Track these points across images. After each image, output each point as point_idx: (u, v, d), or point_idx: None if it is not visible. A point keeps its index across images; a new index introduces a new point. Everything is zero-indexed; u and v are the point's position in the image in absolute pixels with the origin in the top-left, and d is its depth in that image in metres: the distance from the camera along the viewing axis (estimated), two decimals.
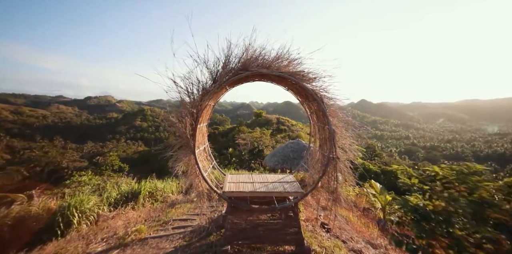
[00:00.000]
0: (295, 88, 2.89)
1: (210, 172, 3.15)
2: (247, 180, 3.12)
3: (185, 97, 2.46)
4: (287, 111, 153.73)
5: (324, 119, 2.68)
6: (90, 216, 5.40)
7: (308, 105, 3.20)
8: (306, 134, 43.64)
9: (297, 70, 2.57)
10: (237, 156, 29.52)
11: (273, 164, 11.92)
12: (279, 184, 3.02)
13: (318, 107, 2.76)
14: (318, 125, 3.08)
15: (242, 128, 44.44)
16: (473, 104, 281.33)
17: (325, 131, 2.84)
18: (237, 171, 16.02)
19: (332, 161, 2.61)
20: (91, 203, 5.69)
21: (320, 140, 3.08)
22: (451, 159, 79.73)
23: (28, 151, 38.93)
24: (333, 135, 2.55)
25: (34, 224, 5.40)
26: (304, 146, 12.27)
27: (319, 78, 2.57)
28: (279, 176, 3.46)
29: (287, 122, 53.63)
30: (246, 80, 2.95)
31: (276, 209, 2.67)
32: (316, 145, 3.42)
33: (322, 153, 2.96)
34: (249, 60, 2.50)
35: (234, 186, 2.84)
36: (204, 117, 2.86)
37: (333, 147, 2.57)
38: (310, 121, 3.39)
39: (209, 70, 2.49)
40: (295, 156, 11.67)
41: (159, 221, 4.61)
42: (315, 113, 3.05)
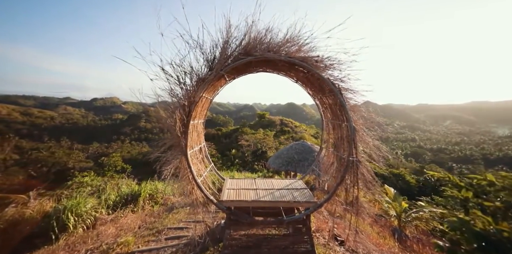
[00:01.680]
0: (306, 78, 2.46)
1: (207, 176, 2.72)
2: (249, 186, 2.68)
3: (176, 87, 2.05)
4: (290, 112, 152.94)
5: (342, 115, 2.24)
6: (87, 219, 5.14)
7: (320, 100, 2.75)
8: (310, 136, 42.97)
9: (310, 56, 2.14)
10: (240, 158, 29.11)
11: (277, 166, 11.45)
12: (287, 191, 2.57)
13: (334, 101, 2.31)
14: (333, 122, 2.63)
15: (245, 129, 44.17)
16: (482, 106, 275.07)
17: (342, 129, 2.38)
18: (240, 172, 15.56)
19: (352, 165, 2.15)
20: (88, 205, 5.50)
21: (336, 139, 2.62)
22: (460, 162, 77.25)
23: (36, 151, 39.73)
24: (354, 134, 2.09)
25: (28, 228, 5.13)
26: (310, 147, 11.77)
27: (337, 66, 2.13)
28: (286, 181, 3.01)
29: (290, 124, 53.28)
30: (249, 70, 2.53)
31: (284, 222, 2.22)
32: (329, 145, 2.96)
33: (338, 155, 2.50)
34: (252, 43, 2.09)
35: (234, 194, 2.41)
36: (200, 112, 2.46)
37: (354, 148, 2.12)
38: (322, 118, 2.95)
39: (205, 55, 2.08)
40: (300, 158, 11.19)
41: (152, 229, 4.20)
42: (330, 109, 2.60)
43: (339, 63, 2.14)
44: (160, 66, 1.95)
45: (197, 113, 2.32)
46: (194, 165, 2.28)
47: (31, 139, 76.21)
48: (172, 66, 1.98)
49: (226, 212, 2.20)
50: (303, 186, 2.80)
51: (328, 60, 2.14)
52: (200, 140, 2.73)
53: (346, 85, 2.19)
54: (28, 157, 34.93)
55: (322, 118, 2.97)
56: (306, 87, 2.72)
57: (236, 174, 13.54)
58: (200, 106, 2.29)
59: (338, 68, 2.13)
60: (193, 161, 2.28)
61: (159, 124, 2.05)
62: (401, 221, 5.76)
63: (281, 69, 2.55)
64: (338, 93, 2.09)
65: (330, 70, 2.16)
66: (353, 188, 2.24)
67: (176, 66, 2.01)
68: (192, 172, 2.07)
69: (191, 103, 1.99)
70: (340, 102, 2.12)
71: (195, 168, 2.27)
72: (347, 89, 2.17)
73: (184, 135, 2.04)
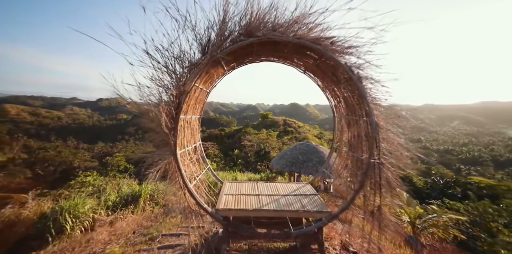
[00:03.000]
0: (317, 67, 2.10)
1: (203, 179, 2.38)
2: (250, 191, 2.33)
3: (163, 75, 1.72)
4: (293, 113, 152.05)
5: (361, 109, 1.87)
6: (85, 221, 4.93)
7: (332, 92, 2.38)
8: (313, 136, 42.36)
9: (324, 36, 1.78)
10: (243, 158, 28.85)
11: (281, 167, 11.12)
12: (295, 198, 2.21)
13: (351, 92, 1.95)
14: (347, 118, 2.26)
15: (248, 130, 43.94)
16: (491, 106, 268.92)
17: (359, 125, 2.02)
18: (243, 173, 15.27)
19: (374, 168, 1.78)
20: (87, 206, 5.35)
21: (351, 138, 2.25)
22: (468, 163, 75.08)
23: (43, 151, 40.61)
24: (376, 131, 1.73)
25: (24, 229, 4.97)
26: (315, 147, 11.37)
27: (355, 50, 1.76)
28: (293, 185, 2.65)
29: (293, 124, 52.88)
30: (250, 58, 2.19)
31: (292, 235, 1.87)
32: (341, 145, 2.59)
33: (354, 157, 2.13)
34: (255, 22, 1.74)
35: (232, 200, 2.07)
36: (193, 106, 2.13)
37: (376, 148, 1.75)
38: (334, 114, 2.58)
39: (198, 37, 1.75)
40: (304, 158, 10.83)
41: (147, 235, 3.89)
42: (344, 102, 2.23)
43: (358, 47, 1.77)
44: (145, 49, 1.63)
45: (189, 107, 1.99)
46: (186, 166, 1.95)
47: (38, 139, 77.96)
48: (158, 49, 1.66)
49: (222, 223, 1.86)
50: (313, 191, 2.43)
51: (346, 42, 1.78)
52: (195, 138, 2.40)
53: (366, 74, 1.82)
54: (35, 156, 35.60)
55: (333, 114, 2.60)
56: (316, 77, 2.36)
57: (238, 175, 13.27)
58: (193, 99, 1.97)
59: (357, 53, 1.77)
60: (185, 162, 1.95)
61: (144, 120, 1.73)
62: (416, 228, 5.32)
63: (287, 57, 2.20)
64: (358, 82, 1.72)
65: (347, 55, 1.80)
66: (374, 195, 1.87)
67: (163, 50, 1.69)
68: (182, 175, 1.74)
69: (181, 94, 1.66)
70: (359, 93, 1.76)
71: (187, 170, 1.94)
72: (367, 78, 1.80)
73: (173, 132, 1.71)
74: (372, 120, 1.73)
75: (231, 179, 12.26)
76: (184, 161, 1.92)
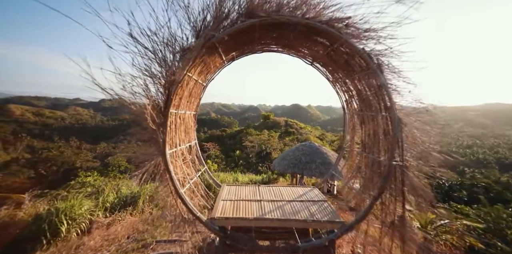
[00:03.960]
0: (327, 56, 1.85)
1: (198, 183, 2.13)
2: (251, 196, 2.08)
3: (151, 63, 1.49)
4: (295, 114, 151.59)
5: (379, 103, 1.61)
6: (82, 223, 4.74)
7: (344, 86, 2.12)
8: (315, 137, 41.98)
9: (337, 17, 1.53)
10: (244, 159, 28.63)
11: (283, 168, 10.87)
12: (301, 204, 1.95)
13: (368, 85, 1.69)
14: (361, 114, 2.00)
15: (249, 130, 43.78)
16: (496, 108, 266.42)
17: (377, 122, 1.76)
18: (244, 174, 15.03)
19: (395, 172, 1.52)
20: (84, 208, 5.20)
21: (365, 137, 1.99)
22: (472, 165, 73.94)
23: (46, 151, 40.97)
24: (400, 128, 1.47)
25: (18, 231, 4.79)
26: (318, 148, 11.09)
27: (375, 33, 1.51)
28: (298, 190, 2.38)
29: (295, 125, 52.65)
30: (251, 46, 1.95)
31: (299, 250, 1.60)
32: (353, 145, 2.33)
33: (370, 158, 1.87)
34: (257, 1, 1.50)
35: (231, 207, 1.81)
36: (187, 100, 1.89)
37: (399, 148, 1.49)
38: (344, 110, 2.32)
39: (192, 20, 1.51)
40: (307, 159, 10.56)
41: (140, 241, 3.65)
42: (358, 96, 1.97)
43: (378, 30, 1.52)
44: (129, 32, 1.40)
45: (183, 101, 1.75)
46: (178, 168, 1.70)
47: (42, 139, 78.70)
48: (145, 32, 1.43)
49: (219, 234, 1.60)
50: (321, 196, 2.17)
51: (364, 24, 1.53)
52: (190, 137, 2.15)
53: (386, 62, 1.57)
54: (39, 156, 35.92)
55: (344, 110, 2.34)
56: (326, 69, 2.10)
57: (239, 176, 13.02)
58: (186, 91, 1.73)
59: (377, 37, 1.51)
60: (177, 163, 1.70)
61: (128, 114, 1.49)
62: (427, 234, 4.99)
63: (293, 46, 1.95)
64: (377, 71, 1.47)
65: (365, 39, 1.55)
66: (394, 203, 1.60)
67: (151, 33, 1.45)
68: (172, 178, 1.49)
69: (171, 84, 1.42)
70: (378, 83, 1.50)
71: (179, 172, 1.69)
72: (388, 67, 1.54)
73: (162, 128, 1.47)
74: (394, 115, 1.47)
75: (232, 180, 12.00)
76: (176, 162, 1.68)
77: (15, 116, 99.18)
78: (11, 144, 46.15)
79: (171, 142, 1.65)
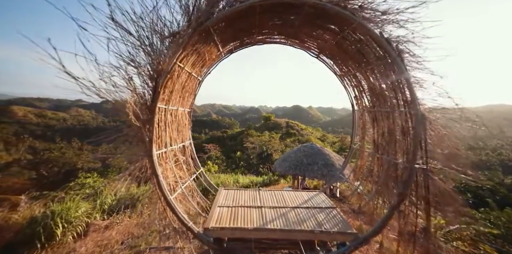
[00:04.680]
0: (336, 45, 1.64)
1: (192, 187, 1.93)
2: (251, 202, 1.86)
3: (137, 51, 1.30)
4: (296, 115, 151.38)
5: (398, 97, 1.41)
6: (78, 226, 4.56)
7: (354, 80, 1.92)
8: (316, 139, 41.69)
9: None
10: (245, 160, 28.44)
11: (284, 170, 10.64)
12: (307, 211, 1.74)
13: (384, 77, 1.49)
14: (373, 111, 1.79)
15: (250, 132, 43.67)
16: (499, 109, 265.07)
17: (393, 119, 1.55)
18: (245, 175, 14.83)
19: (417, 176, 1.31)
20: (81, 210, 5.04)
21: (379, 137, 1.78)
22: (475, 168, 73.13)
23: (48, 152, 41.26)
24: (423, 126, 1.26)
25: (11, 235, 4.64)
26: (320, 150, 10.87)
27: (394, 16, 1.30)
28: (303, 194, 2.17)
29: (296, 127, 52.51)
30: (250, 35, 1.75)
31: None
32: (363, 145, 2.12)
33: (385, 160, 1.66)
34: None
35: (227, 215, 1.61)
36: (179, 94, 1.68)
37: (422, 149, 1.28)
38: (353, 108, 2.12)
39: (183, 2, 1.32)
40: (309, 161, 10.34)
41: (134, 247, 3.46)
42: (370, 91, 1.76)
43: (398, 13, 1.31)
44: (110, 14, 1.21)
45: (174, 95, 1.56)
46: (168, 171, 1.49)
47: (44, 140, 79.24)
48: (128, 16, 1.24)
49: (213, 247, 1.38)
50: (329, 203, 1.95)
51: (381, 5, 1.32)
52: (183, 136, 1.96)
53: (407, 49, 1.36)
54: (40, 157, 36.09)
55: (353, 107, 2.13)
56: (333, 61, 1.90)
57: (240, 177, 12.81)
58: (178, 84, 1.53)
59: (396, 20, 1.31)
60: (167, 165, 1.50)
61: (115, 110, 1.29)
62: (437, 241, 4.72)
63: (297, 35, 1.75)
64: (397, 59, 1.26)
65: (382, 23, 1.34)
66: (415, 212, 1.39)
67: (136, 17, 1.26)
68: (159, 182, 1.29)
69: (159, 75, 1.23)
70: (399, 74, 1.30)
71: (170, 175, 1.48)
72: (410, 55, 1.33)
73: (149, 125, 1.27)
74: (416, 111, 1.26)
75: (233, 182, 11.75)
76: (166, 164, 1.48)
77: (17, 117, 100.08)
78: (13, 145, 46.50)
79: (160, 141, 1.45)
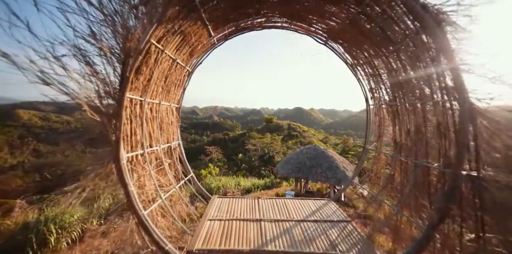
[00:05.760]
0: (350, 24, 1.35)
1: (176, 196, 1.62)
2: (248, 214, 1.55)
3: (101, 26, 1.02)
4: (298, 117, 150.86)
5: (430, 85, 1.11)
6: (73, 231, 4.31)
7: (369, 68, 1.62)
8: (319, 141, 41.08)
9: None
10: (246, 162, 28.10)
11: (286, 173, 10.28)
12: (315, 226, 1.42)
13: (413, 59, 1.19)
14: (394, 105, 1.47)
15: (252, 134, 43.44)
16: None
17: (423, 114, 1.25)
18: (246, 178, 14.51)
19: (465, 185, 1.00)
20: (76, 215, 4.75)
21: (402, 135, 1.47)
22: None
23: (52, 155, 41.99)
24: (473, 121, 0.95)
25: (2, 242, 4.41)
26: (323, 152, 10.51)
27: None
28: (309, 203, 1.85)
29: (298, 128, 52.20)
30: (248, 23, 1.48)
31: None
32: (379, 146, 1.81)
33: (412, 164, 1.34)
34: None
35: (219, 231, 1.29)
36: (160, 84, 1.39)
37: (469, 151, 0.97)
38: (368, 102, 1.81)
39: None
40: (312, 163, 9.96)
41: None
42: (391, 79, 1.46)
43: None
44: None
45: (153, 86, 1.27)
46: (145, 177, 1.20)
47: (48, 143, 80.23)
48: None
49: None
50: (342, 214, 1.62)
51: None
52: (169, 136, 1.66)
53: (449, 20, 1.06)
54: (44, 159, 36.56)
55: (367, 102, 1.82)
56: (344, 47, 1.60)
57: (242, 180, 12.47)
58: (157, 71, 1.25)
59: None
60: (144, 171, 1.20)
61: None
62: None
63: (303, 16, 1.47)
64: (437, 31, 0.96)
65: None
66: (459, 232, 1.06)
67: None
68: (129, 194, 1.00)
69: (128, 55, 0.94)
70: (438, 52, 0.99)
71: (148, 183, 1.18)
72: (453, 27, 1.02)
73: (116, 120, 0.99)
74: (463, 101, 0.95)
75: (234, 184, 11.40)
76: (141, 171, 1.19)
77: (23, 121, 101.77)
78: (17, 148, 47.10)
79: (134, 140, 1.17)
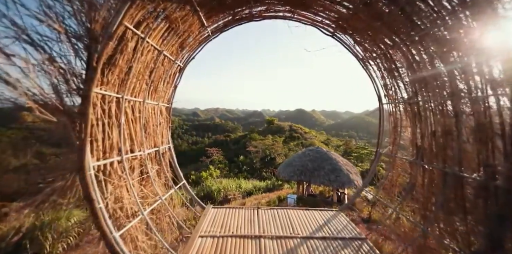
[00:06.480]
0: (365, 8, 1.16)
1: (165, 206, 1.42)
2: (247, 229, 1.34)
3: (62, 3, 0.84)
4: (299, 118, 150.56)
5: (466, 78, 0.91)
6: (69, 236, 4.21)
7: (385, 63, 1.42)
8: (320, 142, 40.69)
9: None
10: (248, 164, 27.88)
11: (288, 175, 10.07)
12: (325, 245, 1.22)
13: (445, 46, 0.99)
14: (415, 104, 1.26)
15: (253, 135, 43.24)
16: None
17: (454, 113, 1.04)
18: (248, 180, 14.34)
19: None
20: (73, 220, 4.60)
21: (424, 138, 1.26)
22: None
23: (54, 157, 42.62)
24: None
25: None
26: (326, 154, 10.28)
27: None
28: (316, 215, 1.64)
29: (300, 130, 51.92)
30: (247, 12, 1.29)
31: None
32: (394, 150, 1.59)
33: (439, 172, 1.13)
34: None
35: (210, 250, 1.08)
36: (144, 79, 1.20)
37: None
38: (380, 102, 1.61)
39: None
40: (315, 166, 9.75)
41: None
42: (412, 73, 1.25)
43: None
44: None
45: (133, 81, 1.08)
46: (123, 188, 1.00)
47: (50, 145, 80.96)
48: None
49: None
50: (354, 230, 1.41)
51: None
52: (157, 139, 1.46)
53: None
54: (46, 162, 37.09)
55: (380, 100, 1.62)
56: (355, 39, 1.41)
57: (243, 182, 12.28)
58: (138, 63, 1.07)
59: None
60: (121, 181, 1.01)
61: None
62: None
63: (308, 4, 1.28)
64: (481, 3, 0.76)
65: None
66: None
67: None
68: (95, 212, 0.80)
69: (94, 38, 0.76)
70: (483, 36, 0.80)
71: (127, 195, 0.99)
72: None
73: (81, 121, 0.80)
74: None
75: (235, 187, 11.17)
76: (119, 180, 0.99)
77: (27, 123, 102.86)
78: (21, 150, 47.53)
79: (107, 145, 0.98)
